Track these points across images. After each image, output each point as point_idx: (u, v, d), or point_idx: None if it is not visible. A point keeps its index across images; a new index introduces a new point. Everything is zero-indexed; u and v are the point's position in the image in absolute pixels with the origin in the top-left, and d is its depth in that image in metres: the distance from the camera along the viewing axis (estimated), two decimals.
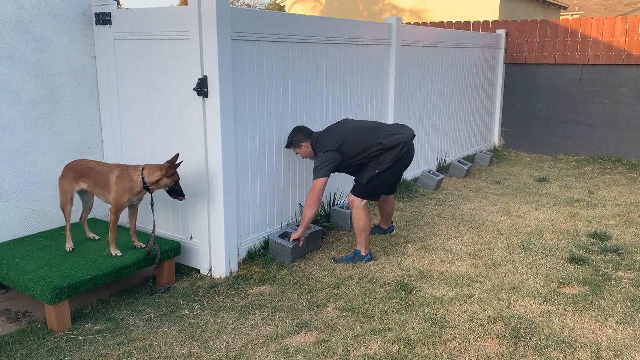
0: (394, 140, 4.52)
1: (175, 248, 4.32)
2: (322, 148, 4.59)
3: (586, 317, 3.70)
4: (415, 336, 3.41)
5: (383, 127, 4.73)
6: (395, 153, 4.49)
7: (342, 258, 4.68)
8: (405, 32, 6.69)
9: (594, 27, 8.98)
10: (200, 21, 4.03)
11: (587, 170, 8.42)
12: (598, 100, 9.12)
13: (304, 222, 4.52)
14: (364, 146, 4.52)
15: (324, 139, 4.65)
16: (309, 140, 4.70)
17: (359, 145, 4.53)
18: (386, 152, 4.50)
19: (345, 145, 4.53)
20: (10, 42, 4.22)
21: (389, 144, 4.49)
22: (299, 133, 4.74)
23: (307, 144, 4.70)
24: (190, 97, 4.21)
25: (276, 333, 3.50)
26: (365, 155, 4.53)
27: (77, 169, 4.06)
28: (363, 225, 4.59)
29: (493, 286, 4.16)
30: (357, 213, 4.60)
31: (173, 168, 3.98)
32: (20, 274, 3.70)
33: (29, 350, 3.36)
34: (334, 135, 4.64)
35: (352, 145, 4.53)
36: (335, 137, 4.61)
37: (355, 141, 4.54)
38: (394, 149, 4.49)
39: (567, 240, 5.19)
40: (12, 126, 4.30)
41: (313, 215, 4.51)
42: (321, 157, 4.53)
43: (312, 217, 4.51)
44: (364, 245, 4.64)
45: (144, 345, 3.35)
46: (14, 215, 4.39)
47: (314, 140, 4.68)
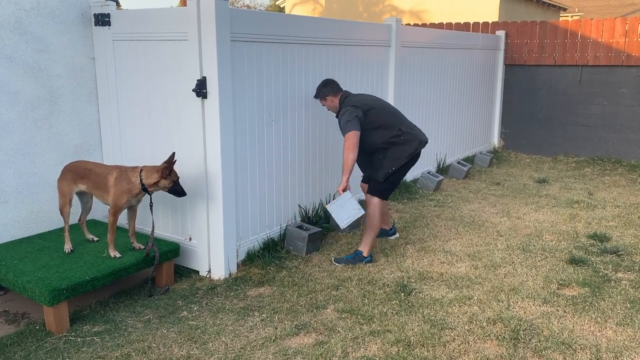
0: (413, 135, 4.67)
1: (174, 249, 4.31)
2: (348, 104, 4.65)
3: (586, 318, 3.69)
4: (414, 337, 3.41)
5: (404, 118, 4.85)
6: (410, 149, 4.63)
7: (342, 258, 4.68)
8: (404, 33, 6.69)
9: (593, 28, 8.98)
10: (199, 22, 4.03)
11: (586, 171, 8.41)
12: (597, 101, 9.11)
13: (346, 169, 4.45)
14: (386, 122, 4.64)
15: (354, 97, 4.76)
16: (337, 95, 4.77)
17: (382, 118, 4.63)
18: (402, 145, 4.61)
19: (371, 112, 4.60)
20: (9, 43, 4.21)
21: (406, 136, 4.63)
22: (326, 86, 4.82)
23: (332, 98, 4.78)
24: (189, 97, 4.20)
25: (275, 334, 3.49)
26: (384, 135, 4.59)
27: (76, 170, 4.05)
28: (376, 223, 4.67)
29: (492, 287, 4.15)
30: (374, 210, 4.67)
31: (169, 168, 3.96)
32: (19, 275, 3.69)
33: (27, 352, 3.35)
34: (363, 98, 4.79)
35: (377, 115, 4.62)
36: (364, 99, 4.74)
37: (380, 113, 4.66)
38: (410, 142, 4.63)
39: (567, 242, 5.18)
40: (11, 127, 4.30)
41: (354, 159, 4.45)
42: (346, 113, 4.55)
43: (352, 161, 4.44)
44: (368, 245, 4.66)
45: (143, 347, 3.34)
46: (13, 216, 4.38)
47: (343, 97, 4.76)
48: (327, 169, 5.64)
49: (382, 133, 4.60)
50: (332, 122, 5.59)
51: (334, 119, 5.59)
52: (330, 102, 4.80)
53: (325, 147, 5.57)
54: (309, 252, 4.82)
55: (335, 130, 5.66)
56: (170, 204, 4.58)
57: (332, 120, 5.58)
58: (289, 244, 4.89)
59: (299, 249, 4.80)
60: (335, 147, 5.72)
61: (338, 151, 5.75)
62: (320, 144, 5.48)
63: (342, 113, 4.60)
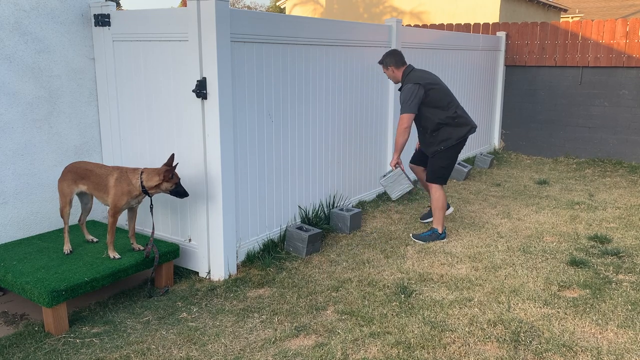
0: (466, 119, 5.10)
1: (173, 250, 4.30)
2: (411, 79, 4.95)
3: (586, 320, 3.68)
4: (414, 339, 3.39)
5: (459, 103, 5.18)
6: (461, 132, 5.05)
7: (420, 234, 5.18)
8: (405, 34, 6.68)
9: (594, 30, 8.97)
10: (199, 22, 4.02)
11: (587, 173, 8.40)
12: (598, 103, 9.10)
13: (397, 149, 5.02)
14: (445, 103, 4.99)
15: (417, 72, 5.06)
16: (400, 68, 5.10)
17: (440, 100, 4.97)
18: (454, 127, 5.01)
19: (432, 90, 4.94)
20: (9, 43, 4.21)
21: (460, 120, 5.03)
22: (391, 56, 5.13)
23: (393, 69, 5.12)
24: (189, 98, 4.19)
25: (275, 336, 3.48)
26: (441, 115, 4.95)
27: (77, 171, 4.04)
28: (441, 203, 5.13)
29: (493, 289, 4.14)
30: (435, 193, 5.16)
31: (170, 171, 3.95)
32: (18, 276, 3.68)
33: (25, 353, 3.34)
34: (424, 75, 5.07)
35: (436, 95, 4.96)
36: (425, 76, 5.03)
37: (440, 93, 5.00)
38: (462, 126, 5.04)
39: (567, 243, 5.17)
40: (10, 127, 4.29)
41: (404, 141, 4.97)
42: (408, 90, 4.90)
43: (403, 143, 4.99)
44: (440, 222, 5.15)
45: (142, 348, 3.33)
46: (12, 217, 4.37)
47: (408, 70, 5.07)
48: (327, 170, 5.63)
49: (438, 112, 4.96)
50: (332, 123, 5.59)
51: (335, 120, 5.60)
52: (391, 72, 5.14)
53: (326, 148, 5.56)
54: (309, 253, 4.81)
55: (337, 131, 5.67)
56: (170, 205, 4.57)
57: (332, 121, 5.58)
58: (288, 245, 4.88)
59: (299, 250, 4.79)
60: (336, 149, 5.71)
61: (338, 152, 5.75)
62: (320, 145, 5.47)
63: (404, 88, 4.95)
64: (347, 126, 5.84)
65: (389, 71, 5.17)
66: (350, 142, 5.95)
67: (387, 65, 5.15)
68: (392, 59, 5.12)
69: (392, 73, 5.16)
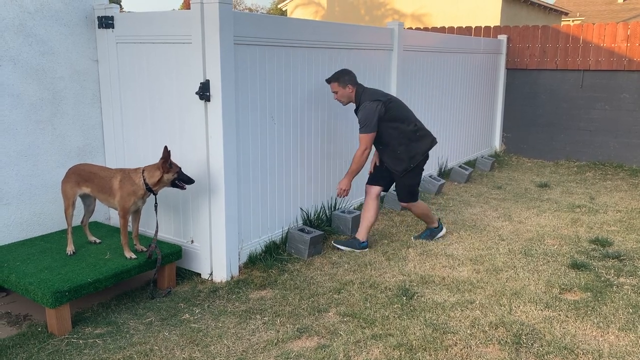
0: (426, 131, 5.03)
1: (176, 252, 4.31)
2: (368, 96, 4.78)
3: (588, 323, 3.69)
4: (416, 341, 3.40)
5: (417, 118, 5.12)
6: (425, 144, 4.96)
7: (420, 235, 5.28)
8: (406, 37, 6.70)
9: (595, 33, 9.00)
10: (203, 25, 4.03)
11: (588, 176, 8.41)
12: (599, 106, 9.12)
13: (353, 173, 4.88)
14: (405, 116, 4.90)
15: (372, 90, 4.91)
16: (355, 86, 4.87)
17: (401, 111, 4.89)
18: (417, 142, 4.90)
19: (390, 103, 4.81)
20: (13, 45, 4.23)
21: (421, 132, 4.96)
22: (348, 74, 4.87)
23: (352, 88, 4.86)
24: (192, 100, 4.21)
25: (277, 338, 3.49)
26: (403, 129, 4.84)
27: (80, 173, 4.06)
28: (426, 209, 5.21)
29: (494, 291, 4.15)
30: (417, 210, 5.18)
31: (167, 160, 3.95)
32: (21, 277, 3.69)
33: (29, 354, 3.35)
34: (380, 91, 4.97)
35: (396, 108, 4.86)
36: (382, 93, 4.94)
37: (399, 106, 4.91)
38: (424, 138, 4.96)
39: (569, 246, 5.18)
40: (14, 129, 4.31)
41: (362, 166, 4.88)
42: (367, 109, 4.71)
43: (360, 168, 4.89)
44: (433, 220, 5.25)
45: (145, 349, 3.34)
46: (15, 218, 4.39)
47: (361, 89, 4.86)
48: (329, 172, 5.64)
49: (400, 127, 4.84)
50: (334, 125, 5.61)
51: (337, 122, 5.61)
52: (348, 91, 4.87)
53: (328, 150, 5.57)
54: (311, 255, 4.82)
55: (338, 134, 5.68)
56: (172, 207, 4.58)
57: (334, 123, 5.60)
58: (290, 246, 4.89)
59: (301, 252, 4.81)
60: (338, 150, 5.73)
61: (340, 154, 5.76)
62: (322, 147, 5.48)
63: (363, 107, 4.75)
64: (349, 128, 5.85)
65: (346, 90, 4.82)
66: (352, 144, 5.96)
67: (345, 83, 4.81)
68: (349, 77, 4.83)
69: (349, 92, 4.84)
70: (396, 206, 6.28)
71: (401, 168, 4.88)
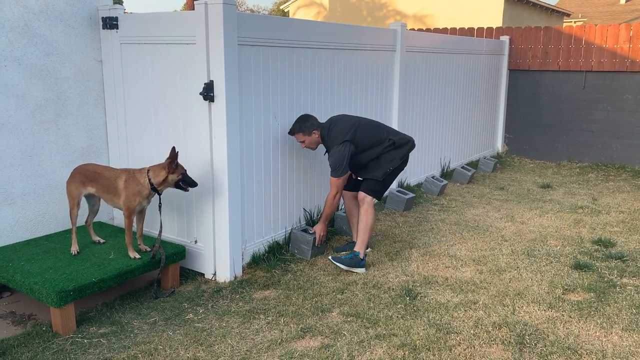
0: (403, 138, 4.74)
1: (179, 252, 4.33)
2: (335, 138, 4.54)
3: (591, 323, 3.69)
4: (420, 341, 3.41)
5: (386, 126, 4.89)
6: (404, 151, 4.71)
7: (340, 257, 4.57)
8: (409, 38, 6.71)
9: (597, 34, 9.00)
10: (207, 26, 4.05)
11: (590, 177, 8.41)
12: (601, 107, 9.12)
13: (329, 215, 4.77)
14: (377, 139, 4.63)
15: (337, 129, 4.61)
16: (319, 129, 4.68)
17: (371, 138, 4.62)
18: (395, 149, 4.65)
19: (358, 136, 4.56)
20: (18, 46, 4.24)
21: (399, 141, 4.68)
22: (309, 120, 4.68)
23: (317, 133, 4.67)
24: (196, 101, 4.22)
25: (281, 337, 3.50)
26: (377, 150, 4.62)
27: (85, 173, 4.07)
28: (371, 222, 4.62)
29: (497, 292, 4.15)
30: (368, 209, 4.60)
31: (173, 161, 3.98)
32: (26, 276, 3.71)
33: (34, 353, 3.37)
34: (345, 126, 4.62)
35: (364, 138, 4.59)
36: (347, 127, 4.59)
37: (367, 133, 4.62)
38: (403, 146, 4.69)
39: (572, 247, 5.18)
40: (19, 129, 4.32)
41: (335, 208, 4.72)
42: (338, 153, 4.48)
43: (332, 214, 4.78)
44: (364, 246, 4.58)
45: (149, 349, 3.35)
46: (20, 217, 4.40)
47: (325, 131, 4.66)
48: None
49: (374, 150, 4.62)
50: None
51: None
52: (315, 137, 4.66)
53: None
54: (314, 255, 4.82)
55: None
56: (176, 207, 4.59)
57: None
58: (293, 247, 4.90)
59: (304, 252, 4.81)
60: None
61: None
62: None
63: (332, 152, 4.52)
64: None
65: (312, 136, 4.65)
66: None
67: (309, 130, 4.63)
68: (311, 122, 4.64)
69: (316, 137, 4.66)
70: (398, 207, 6.29)
71: (380, 173, 4.62)
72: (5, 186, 4.28)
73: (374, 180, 4.65)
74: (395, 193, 6.37)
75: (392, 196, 6.36)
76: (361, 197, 4.65)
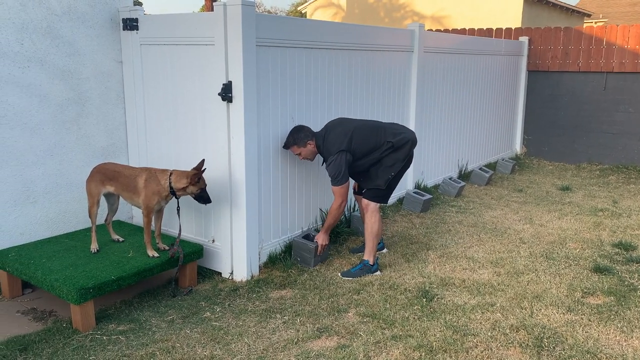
0: (402, 138, 4.50)
1: (197, 251, 4.36)
2: (331, 148, 4.42)
3: (611, 327, 3.64)
4: (436, 343, 3.40)
5: (386, 125, 4.67)
6: (404, 152, 4.49)
7: (350, 271, 4.53)
8: (427, 39, 6.68)
9: (619, 35, 8.87)
10: (226, 27, 4.08)
11: (611, 179, 8.29)
12: (622, 108, 8.99)
13: (332, 224, 4.64)
14: (373, 144, 4.44)
15: (331, 138, 4.46)
16: (314, 139, 4.55)
17: (367, 144, 4.44)
18: (395, 152, 4.47)
19: (354, 144, 4.40)
20: (41, 47, 4.32)
21: (398, 142, 4.46)
22: (302, 131, 4.55)
23: (312, 143, 4.54)
24: (215, 101, 4.26)
25: (297, 337, 3.51)
26: (376, 155, 4.46)
27: (105, 172, 4.13)
28: (377, 229, 4.52)
29: (515, 294, 4.12)
30: (373, 217, 4.51)
31: (198, 175, 4.02)
32: (47, 273, 3.77)
33: (54, 349, 3.42)
34: (340, 133, 4.47)
35: (361, 144, 4.42)
36: (342, 135, 4.44)
37: (363, 139, 4.44)
38: (403, 147, 4.48)
39: (591, 250, 5.11)
40: (41, 128, 4.40)
41: (339, 216, 4.62)
42: (334, 163, 4.35)
43: (334, 224, 4.66)
44: (372, 253, 4.53)
45: (167, 347, 3.38)
46: (41, 216, 4.48)
47: (320, 140, 4.51)
48: None
49: (373, 155, 4.46)
50: None
51: None
52: (310, 148, 4.54)
53: None
54: (317, 263, 4.67)
55: None
56: (194, 206, 4.63)
57: None
58: (296, 255, 4.68)
59: (307, 261, 4.62)
60: None
61: None
62: None
63: (330, 160, 4.38)
64: None
65: (308, 147, 4.53)
66: None
67: (304, 142, 4.52)
68: (304, 134, 4.53)
69: (312, 148, 4.54)
70: (415, 208, 6.27)
71: (382, 181, 4.48)
72: (27, 185, 4.36)
73: (377, 189, 4.53)
74: (412, 194, 6.35)
75: (409, 197, 6.34)
76: (365, 203, 4.57)
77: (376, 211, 4.55)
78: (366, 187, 4.62)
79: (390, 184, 4.55)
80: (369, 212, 4.55)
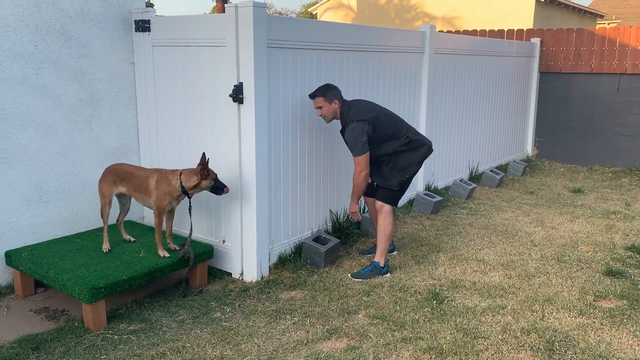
0: (420, 139, 4.57)
1: (208, 251, 4.38)
2: (353, 115, 4.41)
3: (623, 331, 3.61)
4: (446, 345, 3.38)
5: (407, 124, 4.67)
6: (420, 155, 4.55)
7: (359, 272, 4.53)
8: (438, 40, 6.67)
9: (632, 36, 8.80)
10: (237, 28, 4.10)
11: (623, 182, 8.22)
12: (636, 110, 8.90)
13: (357, 193, 4.52)
14: (394, 132, 4.47)
15: (357, 106, 4.49)
16: (340, 101, 4.53)
17: (389, 129, 4.46)
18: (411, 152, 4.50)
19: (377, 121, 4.42)
20: (55, 48, 4.36)
21: (415, 142, 4.52)
22: (334, 88, 4.53)
23: (338, 104, 4.51)
24: (226, 103, 4.27)
25: (307, 338, 3.51)
26: (393, 145, 4.46)
27: (117, 172, 4.16)
28: (390, 231, 4.54)
29: (526, 297, 4.09)
30: (387, 218, 4.53)
31: (204, 167, 4.04)
32: (59, 273, 3.80)
33: (66, 347, 3.45)
34: (367, 107, 4.52)
35: (383, 126, 4.43)
36: (369, 109, 4.49)
37: (385, 123, 4.46)
38: (419, 148, 4.53)
39: (603, 253, 5.07)
40: (54, 129, 4.44)
41: (364, 186, 4.50)
42: (355, 130, 4.33)
43: (362, 187, 4.49)
44: (384, 255, 4.53)
45: (177, 346, 3.40)
46: (54, 215, 4.52)
47: (345, 106, 4.51)
48: None
49: (390, 144, 4.47)
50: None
51: None
52: (335, 106, 4.51)
53: None
54: (327, 265, 4.69)
55: None
56: (204, 207, 4.65)
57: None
58: (306, 257, 4.70)
59: (317, 263, 4.65)
60: None
61: None
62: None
63: (350, 127, 4.39)
64: None
65: (332, 105, 4.49)
66: None
67: (332, 98, 4.48)
68: (335, 92, 4.50)
69: (335, 107, 4.50)
70: (425, 210, 6.25)
71: (396, 182, 4.50)
72: (40, 185, 4.41)
73: (390, 189, 4.55)
74: (422, 196, 6.33)
75: (420, 199, 6.32)
76: (379, 205, 4.58)
77: (390, 213, 4.55)
78: (377, 182, 4.62)
79: (402, 186, 4.56)
80: (382, 213, 4.55)
